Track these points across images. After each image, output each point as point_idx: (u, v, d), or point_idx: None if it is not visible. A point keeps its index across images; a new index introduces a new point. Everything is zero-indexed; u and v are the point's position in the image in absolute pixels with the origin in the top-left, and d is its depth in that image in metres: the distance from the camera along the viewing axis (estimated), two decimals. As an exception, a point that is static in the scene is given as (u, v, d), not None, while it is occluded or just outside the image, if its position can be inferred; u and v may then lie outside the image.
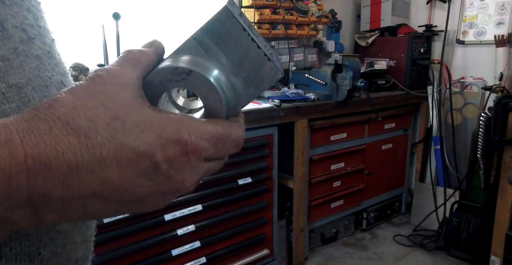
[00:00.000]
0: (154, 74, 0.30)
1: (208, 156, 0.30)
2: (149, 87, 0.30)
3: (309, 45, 2.84)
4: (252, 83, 0.32)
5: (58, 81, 0.34)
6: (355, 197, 2.61)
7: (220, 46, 0.31)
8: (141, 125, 0.27)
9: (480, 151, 2.11)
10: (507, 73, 2.44)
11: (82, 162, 0.25)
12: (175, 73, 0.30)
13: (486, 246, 2.18)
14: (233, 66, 0.31)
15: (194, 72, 0.30)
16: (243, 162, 1.89)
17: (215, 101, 0.31)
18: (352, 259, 2.43)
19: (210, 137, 0.30)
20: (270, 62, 0.31)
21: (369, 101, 2.28)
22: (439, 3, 2.86)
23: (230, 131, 0.31)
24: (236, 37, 0.31)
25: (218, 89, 0.30)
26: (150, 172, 0.28)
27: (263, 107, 1.91)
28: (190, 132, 0.29)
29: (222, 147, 0.31)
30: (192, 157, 0.29)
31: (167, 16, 2.23)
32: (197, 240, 1.78)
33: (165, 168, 0.28)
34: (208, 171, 0.32)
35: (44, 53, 0.33)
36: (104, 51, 1.65)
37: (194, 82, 0.30)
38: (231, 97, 0.32)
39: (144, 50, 0.32)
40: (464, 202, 2.46)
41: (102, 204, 0.27)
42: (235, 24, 0.30)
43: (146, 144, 0.27)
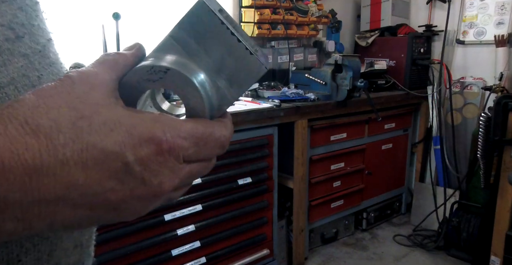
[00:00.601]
0: (130, 74, 0.29)
1: (188, 157, 0.28)
2: (126, 88, 0.29)
3: (309, 45, 2.84)
4: (236, 80, 0.30)
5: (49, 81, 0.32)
6: (355, 197, 2.61)
7: (199, 42, 0.29)
8: (110, 124, 0.25)
9: (480, 151, 2.11)
10: (507, 73, 2.44)
11: (42, 163, 0.23)
12: (151, 72, 0.28)
13: (486, 246, 2.18)
14: (214, 63, 0.30)
15: (171, 70, 0.28)
16: (243, 162, 1.89)
17: (196, 101, 0.29)
18: (352, 259, 2.43)
19: (189, 135, 0.28)
20: (253, 56, 0.29)
21: (369, 101, 2.28)
22: (439, 3, 2.86)
23: (212, 130, 0.29)
24: (215, 32, 0.29)
25: (198, 87, 0.29)
26: (121, 174, 0.26)
27: (263, 107, 1.91)
28: (165, 129, 0.27)
29: (204, 147, 0.29)
30: (169, 157, 0.27)
31: (167, 16, 2.23)
32: (197, 240, 1.78)
33: (138, 170, 0.26)
34: (192, 174, 0.29)
35: (35, 52, 0.32)
36: (104, 51, 1.65)
37: (172, 81, 0.28)
38: (214, 96, 0.30)
39: (122, 52, 0.31)
40: (464, 202, 2.46)
41: (71, 210, 0.25)
42: (212, 18, 0.29)
43: (115, 143, 0.25)
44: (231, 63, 0.30)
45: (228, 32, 0.29)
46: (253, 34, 2.41)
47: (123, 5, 2.03)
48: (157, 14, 2.19)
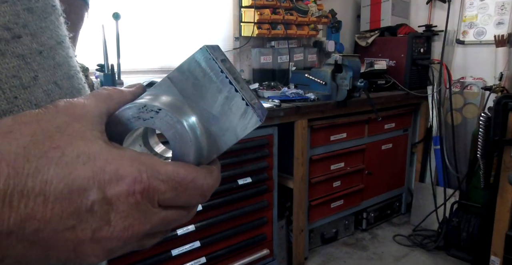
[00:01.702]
0: (122, 111, 0.29)
1: (165, 202, 0.26)
2: (115, 124, 0.28)
3: (309, 45, 2.84)
4: (229, 129, 0.30)
5: (48, 82, 0.32)
6: (355, 197, 2.61)
7: (196, 88, 0.30)
8: (84, 157, 0.24)
9: (480, 151, 2.11)
10: (507, 73, 2.44)
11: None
12: (143, 110, 0.28)
13: (486, 246, 2.18)
14: (209, 110, 0.30)
15: (163, 110, 0.28)
16: (243, 162, 1.89)
17: (183, 144, 0.28)
18: (352, 259, 2.43)
19: (168, 179, 0.26)
20: (249, 108, 0.29)
21: (369, 101, 2.28)
22: (439, 3, 2.86)
23: (195, 176, 0.27)
24: (213, 80, 0.29)
25: (187, 131, 0.28)
26: (85, 212, 0.24)
27: (263, 107, 1.91)
28: (141, 169, 0.25)
29: (183, 193, 0.27)
30: (142, 199, 0.25)
31: (167, 16, 2.23)
32: (197, 240, 1.78)
33: (105, 209, 0.24)
34: (167, 221, 0.27)
35: (34, 52, 0.31)
36: (104, 51, 1.65)
37: (162, 122, 0.28)
38: (204, 142, 0.30)
39: (120, 88, 0.30)
40: (464, 202, 2.46)
41: (24, 247, 0.23)
42: (212, 65, 0.29)
43: (83, 178, 0.23)
44: (226, 112, 0.30)
45: (226, 81, 0.29)
46: (253, 34, 2.42)
47: (123, 5, 2.03)
48: (157, 14, 2.19)
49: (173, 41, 2.28)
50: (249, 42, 2.52)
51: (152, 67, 2.23)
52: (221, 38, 2.49)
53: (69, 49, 0.37)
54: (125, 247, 0.26)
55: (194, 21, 2.34)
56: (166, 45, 2.25)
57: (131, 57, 2.08)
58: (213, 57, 0.29)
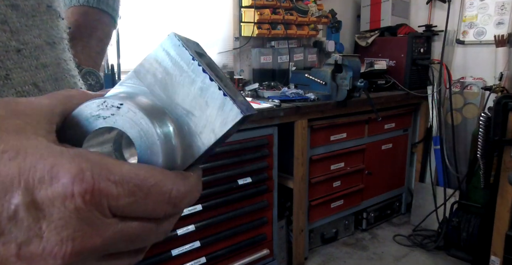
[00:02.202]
0: (79, 109, 0.24)
1: (120, 210, 0.21)
2: (72, 125, 0.24)
3: (309, 45, 2.84)
4: (206, 126, 0.25)
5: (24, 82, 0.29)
6: (355, 197, 2.61)
7: (166, 80, 0.25)
8: (11, 153, 0.19)
9: (480, 151, 2.11)
10: (507, 73, 2.44)
11: None
12: (103, 107, 0.24)
13: (486, 246, 2.18)
14: (181, 105, 0.25)
15: (125, 105, 0.23)
16: (243, 162, 1.89)
17: (150, 144, 0.24)
18: (352, 259, 2.43)
19: (123, 180, 0.21)
20: (227, 98, 0.25)
21: (369, 101, 2.28)
22: (439, 3, 2.86)
23: (161, 180, 0.22)
24: (184, 69, 0.25)
25: (154, 128, 0.24)
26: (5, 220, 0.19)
27: (263, 107, 1.91)
28: (85, 166, 0.20)
29: (143, 200, 0.21)
30: (85, 205, 0.19)
31: (167, 15, 2.23)
32: (197, 240, 1.78)
33: (32, 217, 0.19)
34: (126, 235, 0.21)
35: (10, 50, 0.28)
36: (104, 51, 1.65)
37: (125, 119, 0.23)
38: (177, 142, 0.25)
39: (86, 91, 0.26)
40: (464, 202, 2.46)
41: None
42: (182, 53, 0.25)
43: (5, 177, 0.19)
44: (202, 106, 0.25)
45: (199, 69, 0.25)
46: (253, 34, 2.42)
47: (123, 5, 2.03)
48: (157, 14, 2.19)
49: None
50: (249, 42, 2.52)
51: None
52: (221, 38, 2.49)
53: (64, 51, 0.35)
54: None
55: (194, 21, 2.34)
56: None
57: (131, 57, 2.08)
58: (183, 43, 0.26)
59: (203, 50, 0.28)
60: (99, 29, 0.63)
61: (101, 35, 0.64)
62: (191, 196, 0.24)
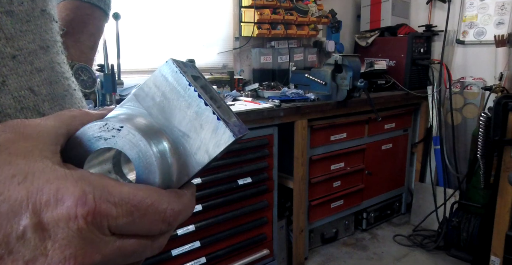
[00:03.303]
0: (82, 131, 0.26)
1: (118, 229, 0.23)
2: (75, 146, 0.26)
3: (309, 45, 2.84)
4: (200, 147, 0.27)
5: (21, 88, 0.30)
6: (355, 197, 2.61)
7: (164, 104, 0.27)
8: (20, 177, 0.21)
9: (480, 151, 2.11)
10: (507, 73, 2.44)
11: None
12: (104, 129, 0.25)
13: (486, 246, 2.18)
14: (177, 127, 0.27)
15: (125, 128, 0.25)
16: (243, 162, 1.89)
17: (148, 164, 0.26)
18: (352, 259, 2.43)
19: (123, 201, 0.22)
20: (220, 123, 0.27)
21: (369, 101, 2.28)
22: (439, 3, 2.86)
23: (156, 199, 0.24)
24: (181, 94, 0.27)
25: (152, 149, 0.25)
26: (14, 240, 0.20)
27: (263, 107, 1.91)
28: (88, 189, 0.22)
29: (141, 219, 0.23)
30: (87, 225, 0.21)
31: (167, 16, 2.23)
32: (197, 240, 1.78)
33: (39, 237, 0.21)
34: (123, 252, 0.23)
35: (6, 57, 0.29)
36: (104, 51, 1.64)
37: (124, 140, 0.25)
38: (173, 162, 0.27)
39: (87, 110, 0.28)
40: (464, 202, 2.46)
41: None
42: (179, 79, 0.27)
43: (14, 201, 0.20)
44: (197, 128, 0.27)
45: (195, 95, 0.27)
46: (253, 34, 2.42)
47: (123, 5, 2.03)
48: (157, 14, 2.19)
49: (173, 41, 2.28)
50: (249, 42, 2.52)
51: (152, 67, 2.23)
52: (221, 38, 2.49)
53: (58, 54, 0.35)
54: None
55: (194, 21, 2.34)
56: (166, 45, 2.25)
57: (131, 57, 2.08)
58: (180, 70, 0.27)
59: (199, 72, 0.30)
60: (90, 24, 0.63)
61: (93, 30, 0.63)
62: (185, 214, 0.26)
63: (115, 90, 1.70)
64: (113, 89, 1.68)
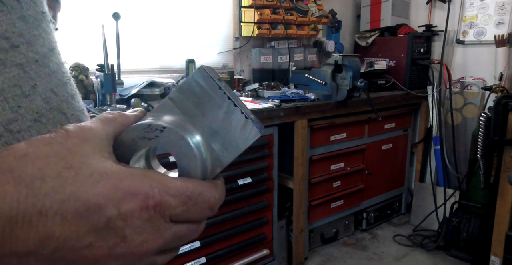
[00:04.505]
0: (127, 131, 0.30)
1: (176, 216, 0.27)
2: (122, 145, 0.29)
3: (309, 45, 2.84)
4: (231, 144, 0.31)
5: (46, 90, 0.32)
6: (355, 197, 2.61)
7: (197, 106, 0.31)
8: (97, 176, 0.25)
9: (480, 151, 2.11)
10: (507, 73, 2.44)
11: (18, 213, 0.22)
12: (148, 130, 0.29)
13: (486, 246, 2.18)
14: (210, 126, 0.31)
15: (168, 129, 0.29)
16: (243, 162, 1.89)
17: (189, 160, 0.29)
18: (352, 259, 2.43)
19: (179, 193, 0.27)
20: (248, 121, 0.30)
21: (369, 101, 2.28)
22: (439, 3, 2.86)
23: (203, 190, 0.28)
24: (212, 97, 0.30)
25: (193, 147, 0.29)
26: (102, 229, 0.24)
27: (263, 107, 1.91)
28: (153, 184, 0.26)
29: (193, 207, 0.28)
30: (155, 214, 0.26)
31: (167, 16, 2.23)
32: (197, 240, 1.78)
33: (120, 225, 0.24)
34: (179, 236, 0.28)
35: (31, 61, 0.31)
36: (104, 51, 1.64)
37: (167, 140, 0.29)
38: (208, 157, 0.30)
39: (123, 112, 0.31)
40: (464, 202, 2.46)
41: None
42: (210, 83, 0.30)
43: (99, 196, 0.24)
44: (227, 127, 0.31)
45: (225, 97, 0.30)
46: (253, 34, 2.42)
47: (123, 5, 2.03)
48: (157, 14, 2.19)
49: (173, 41, 2.28)
50: (249, 42, 2.53)
51: (152, 67, 2.23)
52: (221, 38, 2.49)
53: (60, 55, 0.36)
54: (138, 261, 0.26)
55: (194, 21, 2.34)
56: (166, 45, 2.25)
57: (131, 57, 2.08)
58: (211, 75, 0.31)
59: (219, 75, 0.33)
60: None
61: None
62: (221, 201, 0.30)
63: (115, 90, 1.70)
64: (113, 89, 1.68)
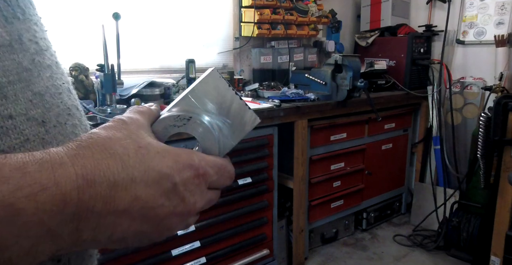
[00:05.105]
0: (159, 121, 0.37)
1: (212, 184, 0.35)
2: (155, 132, 0.37)
3: (309, 45, 2.84)
4: (236, 128, 0.40)
5: (66, 88, 0.38)
6: (355, 197, 2.61)
7: (211, 99, 0.39)
8: (162, 153, 0.32)
9: (480, 151, 2.11)
10: (507, 73, 2.44)
11: (119, 180, 0.29)
12: (177, 119, 0.37)
13: (486, 246, 2.18)
14: (221, 115, 0.39)
15: (193, 118, 0.37)
16: (243, 162, 1.89)
17: (210, 142, 0.38)
18: (352, 259, 2.43)
19: (214, 165, 0.35)
20: (250, 110, 0.40)
21: (369, 101, 2.28)
22: (439, 3, 2.86)
23: (227, 164, 0.37)
24: (223, 92, 0.39)
25: (212, 131, 0.38)
26: (170, 192, 0.31)
27: (263, 107, 1.91)
28: (199, 158, 0.34)
29: (222, 176, 0.36)
30: (202, 181, 0.34)
31: (167, 16, 2.23)
32: (197, 240, 1.78)
33: (181, 189, 0.32)
34: (209, 199, 0.36)
35: (53, 63, 0.37)
36: (104, 51, 1.64)
37: (193, 126, 0.37)
38: (221, 139, 0.39)
39: (147, 106, 0.39)
40: (464, 202, 2.46)
41: (129, 223, 0.30)
42: (221, 82, 0.39)
43: (167, 167, 0.31)
44: (233, 115, 0.39)
45: (233, 92, 0.39)
46: (253, 34, 2.42)
47: (123, 5, 2.03)
48: (157, 14, 2.19)
49: (173, 41, 2.28)
50: (249, 42, 2.52)
51: (152, 67, 2.23)
52: (221, 38, 2.49)
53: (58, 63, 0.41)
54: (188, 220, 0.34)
55: (194, 21, 2.34)
56: (166, 45, 2.25)
57: (131, 57, 2.08)
58: (221, 76, 0.39)
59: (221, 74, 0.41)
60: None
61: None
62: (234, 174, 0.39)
63: (115, 90, 1.70)
64: (113, 89, 1.68)
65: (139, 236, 0.31)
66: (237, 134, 0.40)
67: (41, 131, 0.32)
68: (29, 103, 0.32)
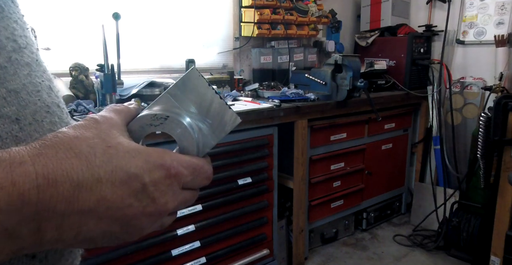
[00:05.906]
0: (136, 120, 0.37)
1: (186, 184, 0.34)
2: (131, 132, 0.36)
3: (309, 45, 2.84)
4: (217, 128, 0.39)
5: (47, 86, 0.37)
6: (355, 197, 2.61)
7: (190, 99, 0.38)
8: (132, 153, 0.32)
9: (480, 151, 2.11)
10: (507, 73, 2.44)
11: (83, 180, 0.28)
12: (154, 118, 0.36)
13: (486, 246, 2.18)
14: (200, 114, 0.38)
15: (170, 117, 0.36)
16: (243, 162, 1.89)
17: (188, 141, 0.37)
18: (352, 259, 2.43)
19: (188, 166, 0.34)
20: (231, 110, 0.39)
21: (369, 101, 2.28)
22: (439, 3, 2.86)
23: (203, 164, 0.36)
24: (202, 91, 0.38)
25: (190, 131, 0.37)
26: (139, 193, 0.31)
27: (263, 107, 1.91)
28: (172, 158, 0.33)
29: (197, 177, 0.35)
30: (174, 181, 0.33)
31: (167, 16, 2.23)
32: (197, 240, 1.78)
33: (151, 190, 0.31)
34: (184, 200, 0.35)
35: (33, 61, 0.36)
36: (104, 51, 1.64)
37: (170, 126, 0.36)
38: (200, 139, 0.38)
39: (126, 105, 0.38)
40: (464, 202, 2.46)
41: (95, 223, 0.29)
42: (201, 81, 0.38)
43: (136, 168, 0.31)
44: (213, 114, 0.38)
45: (213, 92, 0.38)
46: (253, 34, 2.42)
47: (123, 5, 2.03)
48: (157, 14, 2.19)
49: (173, 41, 2.28)
50: (249, 42, 2.52)
51: (152, 67, 2.23)
52: (221, 38, 2.49)
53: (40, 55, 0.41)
54: (159, 221, 0.34)
55: (194, 21, 2.34)
56: (166, 45, 2.25)
57: (131, 57, 2.08)
58: (200, 75, 0.38)
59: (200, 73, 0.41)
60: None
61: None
62: (212, 174, 0.38)
63: (115, 90, 1.70)
64: (113, 89, 1.68)
65: (108, 236, 0.31)
66: (217, 134, 0.39)
67: (14, 129, 0.31)
68: (2, 101, 0.31)
